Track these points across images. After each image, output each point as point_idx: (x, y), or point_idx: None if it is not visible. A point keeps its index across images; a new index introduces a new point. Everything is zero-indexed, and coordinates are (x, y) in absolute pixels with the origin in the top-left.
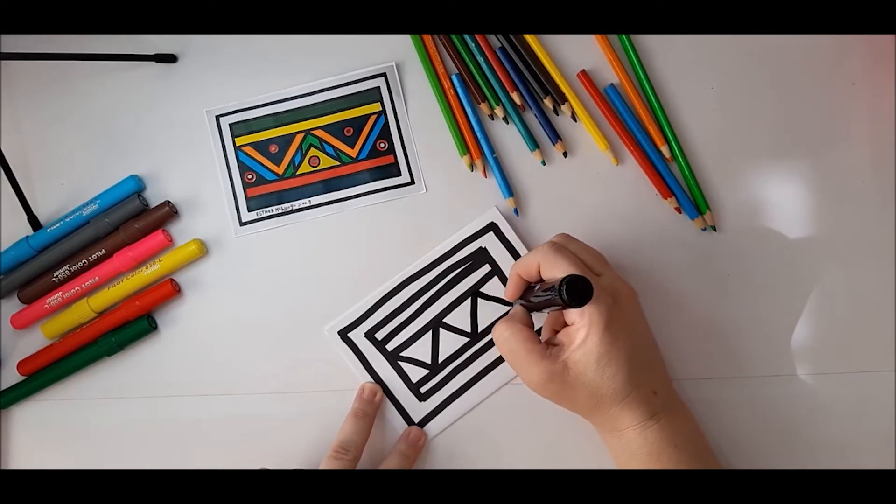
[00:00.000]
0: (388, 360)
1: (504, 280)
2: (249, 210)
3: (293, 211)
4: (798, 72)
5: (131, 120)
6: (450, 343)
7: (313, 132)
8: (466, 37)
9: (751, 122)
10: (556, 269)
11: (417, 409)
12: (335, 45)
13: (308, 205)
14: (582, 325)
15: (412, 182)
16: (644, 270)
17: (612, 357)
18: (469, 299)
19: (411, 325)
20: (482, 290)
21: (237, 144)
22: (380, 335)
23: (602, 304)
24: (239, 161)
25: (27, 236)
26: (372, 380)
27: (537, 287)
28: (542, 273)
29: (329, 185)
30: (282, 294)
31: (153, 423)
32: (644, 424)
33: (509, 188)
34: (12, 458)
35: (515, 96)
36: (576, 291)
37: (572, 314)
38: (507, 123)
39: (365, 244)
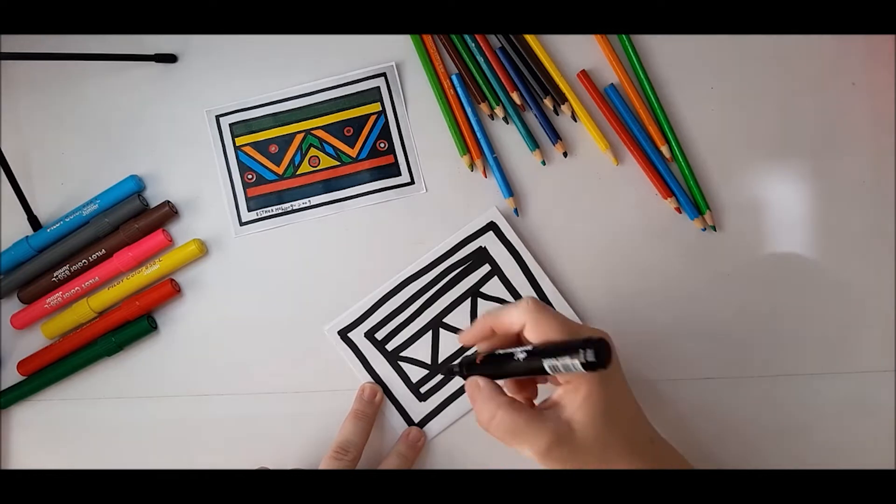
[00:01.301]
0: (387, 360)
1: (504, 280)
2: (249, 210)
3: (293, 211)
4: (798, 72)
5: (131, 120)
6: (450, 343)
7: (313, 132)
8: (466, 37)
9: (751, 122)
10: (545, 329)
11: (417, 410)
12: (335, 45)
13: (308, 205)
14: (582, 382)
15: (412, 182)
16: (644, 270)
17: (617, 409)
18: (469, 299)
19: (411, 325)
20: (482, 289)
21: (237, 144)
22: (380, 335)
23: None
24: (239, 161)
25: (27, 236)
26: (372, 380)
27: (517, 352)
28: (526, 332)
29: (329, 185)
30: (282, 294)
31: (153, 422)
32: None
33: (509, 188)
34: (12, 458)
35: (515, 96)
36: (602, 354)
37: (562, 375)
38: (507, 123)
39: (365, 244)
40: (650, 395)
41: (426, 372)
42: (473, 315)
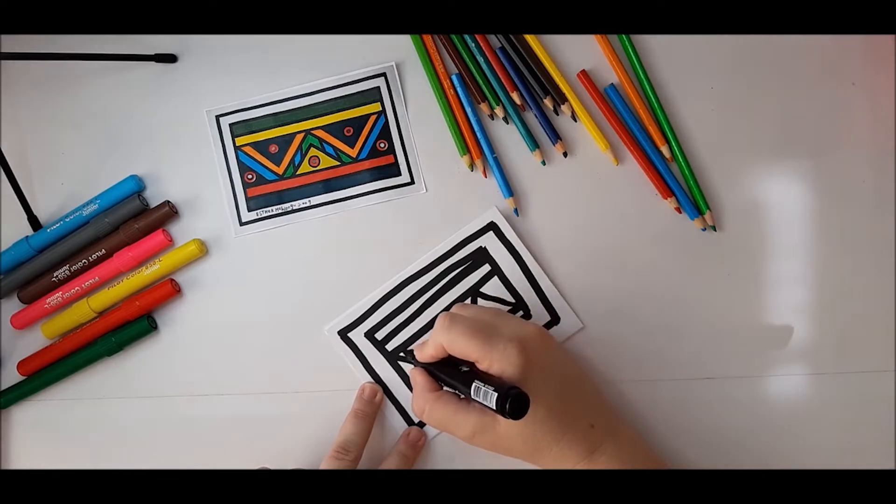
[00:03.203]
0: (388, 360)
1: (504, 280)
2: (249, 210)
3: (293, 211)
4: (798, 72)
5: (131, 120)
6: None
7: (313, 132)
8: (466, 37)
9: (751, 122)
10: (458, 344)
11: None
12: (335, 45)
13: (308, 205)
14: (505, 375)
15: (412, 182)
16: (644, 270)
17: (537, 402)
18: (469, 299)
19: (411, 324)
20: (482, 289)
21: (237, 144)
22: (380, 335)
23: (512, 356)
24: (239, 161)
25: (27, 236)
26: (372, 380)
27: (452, 374)
28: (448, 350)
29: (329, 185)
30: (282, 294)
31: (153, 423)
32: (590, 459)
33: (509, 188)
34: (12, 458)
35: (515, 96)
36: (518, 406)
37: (484, 369)
38: (507, 123)
39: (365, 244)
40: (649, 394)
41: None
42: None
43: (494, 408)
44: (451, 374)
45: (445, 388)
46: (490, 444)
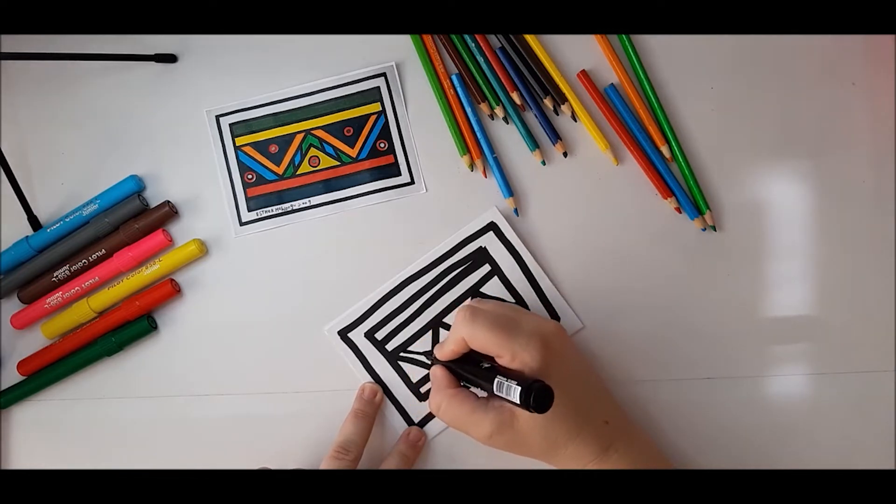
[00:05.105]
0: (388, 360)
1: (504, 280)
2: (249, 210)
3: (293, 211)
4: (798, 72)
5: (131, 120)
6: None
7: (313, 132)
8: (466, 37)
9: (751, 122)
10: (479, 337)
11: (417, 409)
12: (335, 45)
13: (308, 205)
14: (525, 371)
15: (412, 182)
16: (644, 270)
17: (558, 396)
18: (470, 299)
19: (411, 325)
20: (482, 290)
21: (237, 144)
22: (380, 335)
23: (533, 350)
24: (239, 161)
25: (27, 236)
26: (372, 380)
27: (474, 371)
28: (469, 343)
29: (329, 185)
30: (282, 294)
31: (153, 423)
32: (603, 456)
33: (509, 188)
34: (12, 458)
35: (515, 96)
36: (542, 403)
37: (505, 363)
38: (507, 123)
39: (365, 244)
40: (649, 395)
41: (426, 372)
42: None
43: (518, 402)
44: (472, 370)
45: (464, 384)
46: (507, 444)
